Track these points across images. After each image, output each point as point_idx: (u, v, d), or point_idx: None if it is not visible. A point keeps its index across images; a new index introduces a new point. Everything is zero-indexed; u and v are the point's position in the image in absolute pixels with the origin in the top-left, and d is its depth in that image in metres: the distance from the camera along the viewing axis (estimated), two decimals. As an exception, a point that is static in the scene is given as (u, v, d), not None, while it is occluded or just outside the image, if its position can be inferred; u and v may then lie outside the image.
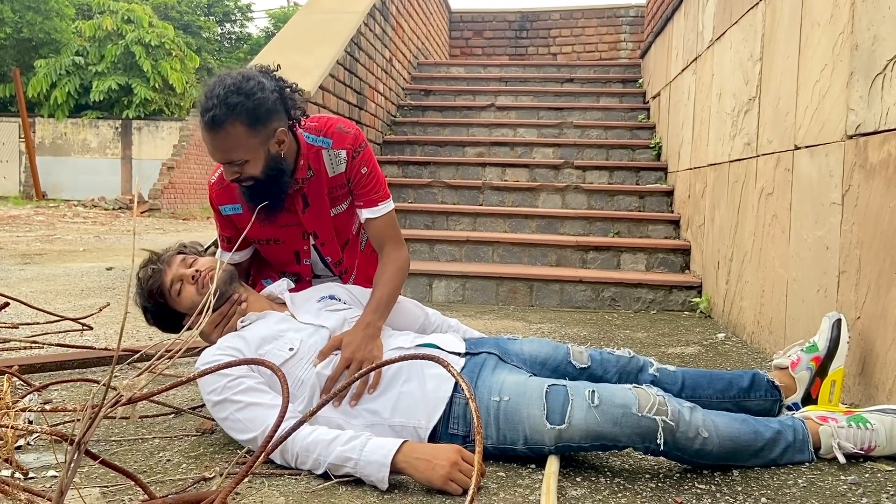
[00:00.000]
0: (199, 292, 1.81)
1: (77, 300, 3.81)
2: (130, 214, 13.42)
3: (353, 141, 1.93)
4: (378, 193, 1.97)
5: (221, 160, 1.76)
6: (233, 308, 1.83)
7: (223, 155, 1.74)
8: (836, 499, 1.45)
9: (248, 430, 1.56)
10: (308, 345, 1.69)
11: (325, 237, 2.01)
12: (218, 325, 1.82)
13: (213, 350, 1.68)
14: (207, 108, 1.69)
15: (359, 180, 1.95)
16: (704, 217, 3.95)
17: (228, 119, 1.68)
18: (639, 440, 1.49)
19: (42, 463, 1.58)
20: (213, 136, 1.71)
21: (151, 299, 1.85)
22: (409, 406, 1.61)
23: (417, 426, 1.59)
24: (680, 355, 2.83)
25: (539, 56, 9.71)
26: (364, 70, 5.62)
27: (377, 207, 1.96)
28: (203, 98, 1.71)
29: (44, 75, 17.49)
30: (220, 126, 1.69)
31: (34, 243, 7.47)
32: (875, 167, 1.95)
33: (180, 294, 1.82)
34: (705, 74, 3.99)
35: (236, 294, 1.85)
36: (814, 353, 1.87)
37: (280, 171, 1.81)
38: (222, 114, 1.68)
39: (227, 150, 1.73)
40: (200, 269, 1.83)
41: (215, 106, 1.68)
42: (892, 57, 1.87)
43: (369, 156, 1.96)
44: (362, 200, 1.97)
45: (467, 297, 4.11)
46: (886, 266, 1.87)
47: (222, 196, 1.97)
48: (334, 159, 1.93)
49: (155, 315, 1.88)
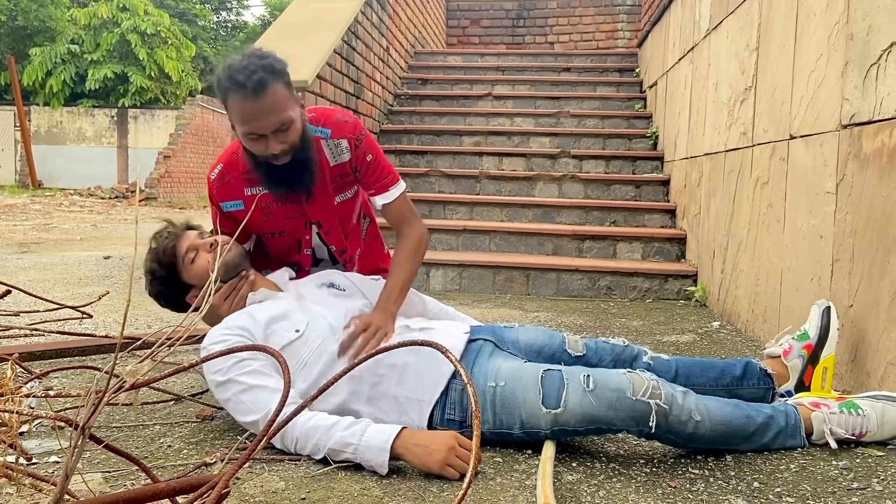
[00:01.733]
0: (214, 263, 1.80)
1: (75, 289, 3.82)
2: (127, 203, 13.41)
3: (353, 130, 1.94)
4: (388, 178, 2.00)
5: (275, 124, 1.73)
6: (241, 281, 1.85)
7: (275, 117, 1.72)
8: (827, 483, 1.48)
9: (251, 412, 1.57)
10: (314, 328, 1.70)
11: (329, 226, 2.03)
12: (227, 298, 1.83)
13: (221, 329, 1.69)
14: (249, 75, 1.68)
15: (366, 168, 1.97)
16: (700, 206, 3.97)
17: (271, 80, 1.70)
18: (633, 423, 1.52)
19: (44, 449, 1.60)
20: (262, 100, 1.70)
21: (163, 263, 1.83)
22: (414, 379, 1.63)
23: (421, 399, 1.62)
24: (675, 343, 2.85)
25: (536, 45, 9.69)
26: (361, 59, 5.61)
27: (389, 192, 2.00)
28: (236, 73, 1.69)
29: (39, 63, 17.40)
30: (266, 88, 1.69)
31: (31, 232, 7.46)
32: (869, 157, 1.96)
33: (194, 262, 1.82)
34: (702, 64, 4.00)
35: (245, 271, 1.87)
36: (805, 341, 1.89)
37: (309, 140, 1.84)
38: (266, 76, 1.69)
39: (278, 111, 1.72)
40: (218, 240, 1.85)
41: (255, 71, 1.68)
42: (886, 47, 1.88)
43: (371, 142, 1.98)
44: (374, 188, 2.00)
45: (464, 285, 4.13)
46: (879, 255, 1.89)
47: (223, 192, 1.97)
48: (335, 149, 1.94)
49: (162, 282, 1.85)
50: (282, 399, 1.10)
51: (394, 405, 1.62)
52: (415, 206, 2.11)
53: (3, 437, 1.18)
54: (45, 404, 1.86)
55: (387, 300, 1.85)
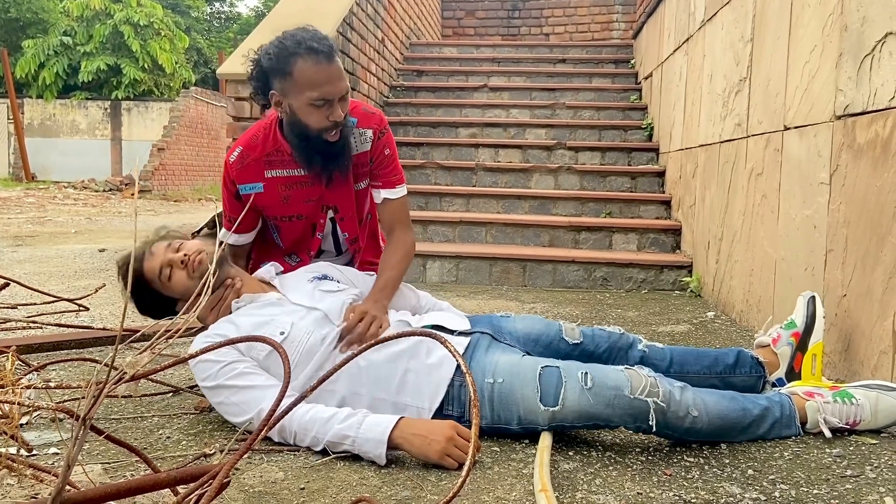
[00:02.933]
0: (191, 277, 1.77)
1: (71, 281, 3.82)
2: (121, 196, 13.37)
3: (379, 122, 2.00)
4: (397, 176, 2.05)
5: (343, 89, 1.81)
6: (227, 291, 1.83)
7: (344, 82, 1.82)
8: (821, 471, 1.49)
9: (244, 412, 1.58)
10: (300, 327, 1.69)
11: (346, 212, 2.05)
12: (213, 308, 1.82)
13: (202, 338, 1.69)
14: (320, 41, 1.77)
15: (381, 161, 2.01)
16: (695, 197, 3.98)
17: (335, 52, 1.79)
18: (631, 420, 1.53)
19: (44, 441, 1.61)
20: (333, 64, 1.79)
21: (142, 288, 1.80)
22: (415, 386, 1.63)
23: (420, 407, 1.62)
24: (670, 333, 2.87)
25: (531, 36, 9.68)
26: (356, 51, 5.60)
27: (395, 189, 2.04)
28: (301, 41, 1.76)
29: (32, 55, 17.28)
30: (335, 55, 1.79)
31: (25, 225, 7.44)
32: (863, 147, 1.97)
33: (171, 279, 1.78)
34: (697, 55, 4.01)
35: (229, 278, 1.84)
36: (792, 329, 1.93)
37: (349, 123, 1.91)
38: (333, 47, 1.79)
39: (344, 78, 1.82)
40: (188, 252, 1.79)
41: (323, 38, 1.78)
42: (880, 38, 1.89)
43: (392, 139, 2.04)
44: (381, 181, 2.04)
45: (461, 277, 4.14)
46: (872, 245, 1.90)
47: (243, 174, 1.97)
48: (359, 138, 1.98)
49: (147, 304, 1.83)
50: (282, 389, 1.11)
51: (392, 410, 1.62)
52: (411, 198, 2.14)
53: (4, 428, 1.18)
54: (44, 396, 1.87)
55: (379, 293, 1.87)
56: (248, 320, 1.72)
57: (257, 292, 1.85)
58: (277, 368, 1.63)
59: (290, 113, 1.84)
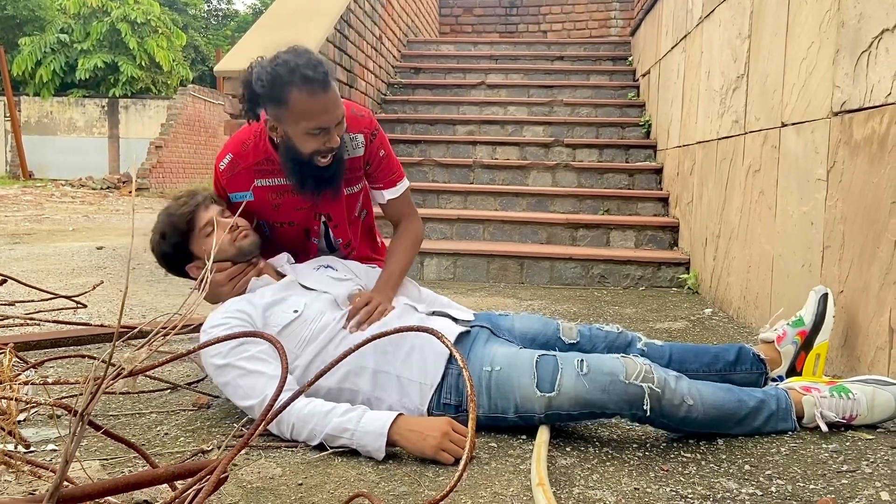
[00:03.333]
0: (230, 243, 1.83)
1: (68, 279, 3.82)
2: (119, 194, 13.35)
3: (369, 125, 1.98)
4: (395, 174, 2.05)
5: (339, 117, 1.78)
6: (250, 267, 1.87)
7: (340, 109, 1.78)
8: (817, 466, 1.50)
9: (249, 396, 1.59)
10: (312, 308, 1.73)
11: (339, 219, 2.04)
12: (233, 278, 1.84)
13: (221, 312, 1.71)
14: (314, 68, 1.71)
15: (378, 163, 2.01)
16: (693, 194, 3.99)
17: (330, 79, 1.75)
18: (626, 407, 1.54)
19: (42, 437, 1.61)
20: (329, 93, 1.74)
21: (176, 229, 1.83)
22: (419, 361, 1.65)
23: (423, 382, 1.64)
24: (668, 330, 2.87)
25: (529, 34, 9.67)
26: (354, 48, 5.59)
27: (396, 187, 2.05)
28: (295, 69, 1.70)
29: (28, 53, 17.24)
30: (330, 85, 1.74)
31: (23, 223, 7.43)
32: (859, 144, 1.98)
33: (209, 236, 1.82)
34: (694, 52, 4.01)
35: (256, 258, 1.89)
36: (800, 327, 1.91)
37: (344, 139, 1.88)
38: (326, 70, 1.74)
39: (340, 104, 1.78)
40: (240, 224, 1.86)
41: (318, 64, 1.72)
42: (877, 34, 1.89)
43: (384, 138, 2.02)
44: (382, 182, 2.04)
45: (458, 274, 4.14)
46: (869, 241, 1.91)
47: (233, 183, 1.97)
48: (350, 143, 1.96)
49: (171, 245, 1.85)
50: (279, 385, 1.11)
51: (396, 385, 1.64)
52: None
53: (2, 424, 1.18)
54: (42, 392, 1.87)
55: (386, 282, 1.91)
56: (264, 297, 1.76)
57: (274, 278, 1.89)
58: (289, 345, 1.67)
59: (286, 138, 1.81)
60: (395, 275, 1.94)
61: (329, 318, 1.72)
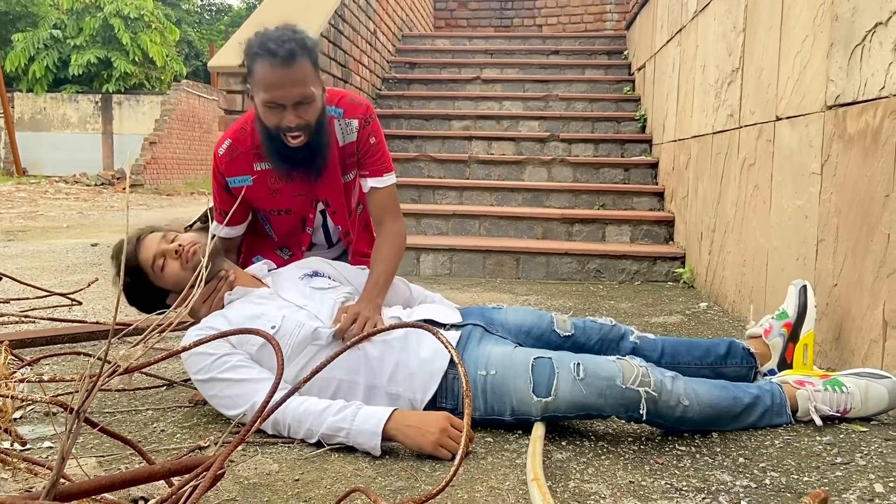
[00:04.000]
0: (184, 267, 1.77)
1: (63, 276, 3.81)
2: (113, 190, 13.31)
3: (365, 111, 1.98)
4: (384, 164, 2.03)
5: (296, 96, 1.76)
6: (220, 283, 1.83)
7: (299, 90, 1.76)
8: (811, 458, 1.51)
9: (237, 405, 1.58)
10: (291, 320, 1.69)
11: (337, 205, 2.04)
12: (206, 300, 1.82)
13: (195, 330, 1.69)
14: (282, 42, 1.73)
15: (367, 150, 2.00)
16: (688, 189, 4.00)
17: (301, 54, 1.74)
18: (623, 410, 1.54)
19: (37, 435, 1.61)
20: (290, 70, 1.73)
21: (130, 280, 1.79)
22: (406, 377, 1.63)
23: (413, 398, 1.62)
24: (663, 324, 2.88)
25: (524, 28, 9.66)
26: (348, 43, 5.58)
27: (383, 178, 2.02)
28: (264, 42, 1.74)
29: (21, 49, 17.16)
30: (295, 60, 1.73)
31: (17, 220, 7.41)
32: (853, 137, 1.98)
33: (164, 270, 1.77)
34: (690, 46, 4.01)
35: (222, 270, 1.85)
36: (784, 319, 1.93)
37: (324, 124, 1.86)
38: (297, 48, 1.73)
39: (302, 84, 1.76)
40: (183, 243, 1.79)
41: (288, 41, 1.73)
42: (870, 28, 1.90)
43: (378, 128, 2.02)
44: (369, 170, 2.02)
45: (454, 270, 4.14)
46: (863, 234, 1.91)
47: (232, 167, 1.96)
48: (346, 128, 1.97)
49: (137, 295, 1.83)
50: (275, 381, 1.11)
51: (387, 401, 1.63)
52: (404, 190, 2.13)
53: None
54: (37, 390, 1.87)
55: (371, 291, 1.84)
56: (239, 313, 1.72)
57: (249, 287, 1.85)
58: (270, 361, 1.64)
59: (256, 108, 1.85)
60: (380, 282, 1.88)
61: (308, 331, 1.67)
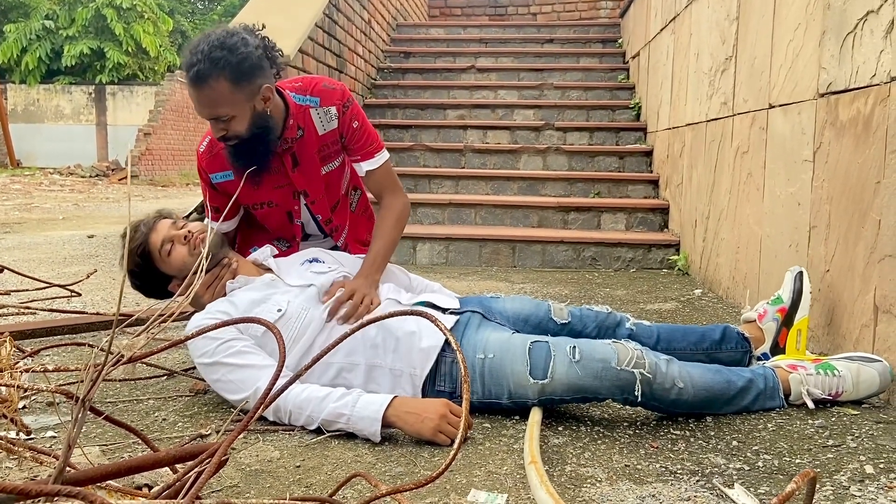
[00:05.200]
0: (191, 253, 1.81)
1: (60, 268, 3.82)
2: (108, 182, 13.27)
3: (341, 97, 1.96)
4: (373, 145, 2.02)
5: (207, 116, 1.78)
6: (223, 270, 1.86)
7: (209, 110, 1.76)
8: (803, 441, 1.53)
9: (240, 390, 1.61)
10: (296, 304, 1.72)
11: (316, 195, 2.04)
12: (209, 286, 1.85)
13: (202, 315, 1.72)
14: (192, 64, 1.71)
15: (352, 135, 1.99)
16: (682, 176, 4.02)
17: (213, 74, 1.71)
18: (618, 392, 1.57)
19: (41, 424, 1.62)
20: (199, 91, 1.73)
21: (140, 260, 1.83)
22: (406, 353, 1.66)
23: (413, 373, 1.65)
24: (658, 311, 2.91)
25: (519, 16, 9.63)
26: (343, 32, 5.57)
27: (374, 159, 2.01)
28: (188, 54, 1.73)
29: (14, 40, 17.04)
30: (205, 81, 1.71)
31: (12, 212, 7.40)
32: (845, 125, 2.00)
33: (171, 255, 1.81)
34: (683, 34, 4.02)
35: (226, 258, 1.88)
36: (779, 304, 1.96)
37: (266, 128, 1.84)
38: (206, 69, 1.70)
39: (212, 106, 1.75)
40: (192, 230, 1.84)
41: (199, 61, 1.70)
42: (862, 16, 1.91)
43: (358, 109, 2.00)
44: (359, 154, 2.01)
45: (451, 259, 4.16)
46: (854, 220, 1.94)
47: (212, 163, 1.98)
48: (324, 117, 1.95)
49: (141, 278, 1.87)
50: (277, 369, 1.13)
51: (388, 377, 1.66)
52: (401, 180, 2.13)
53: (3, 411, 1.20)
54: (41, 379, 1.88)
55: (370, 267, 1.87)
56: (245, 297, 1.75)
57: (252, 274, 1.87)
58: (274, 346, 1.66)
59: None
60: (379, 257, 1.90)
61: (314, 314, 1.71)
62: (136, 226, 1.87)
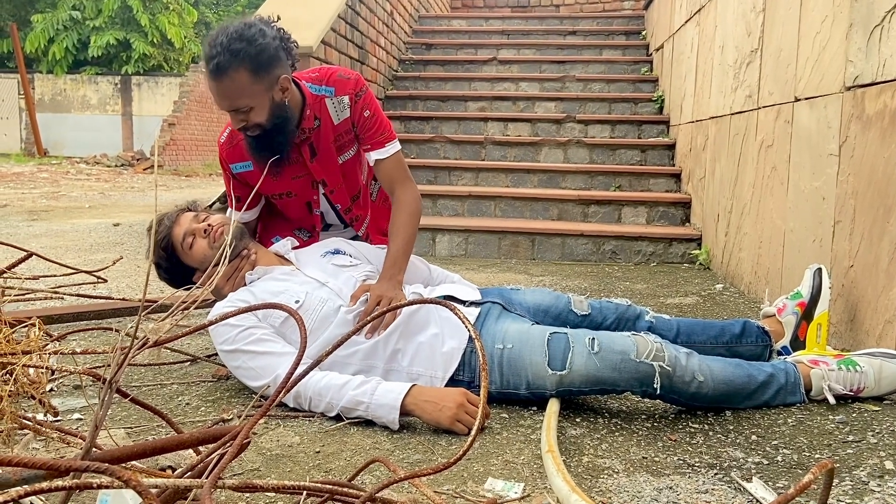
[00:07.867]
0: (212, 246, 1.86)
1: (87, 255, 3.88)
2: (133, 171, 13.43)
3: (354, 86, 1.97)
4: (384, 135, 2.01)
5: (227, 107, 1.80)
6: (242, 262, 1.89)
7: (228, 102, 1.78)
8: (823, 436, 1.53)
9: (260, 377, 1.63)
10: (314, 297, 1.74)
11: (334, 185, 2.06)
12: (230, 278, 1.88)
13: (224, 303, 1.75)
14: (211, 56, 1.73)
15: (363, 123, 1.99)
16: (705, 170, 3.98)
17: (232, 66, 1.73)
18: (637, 384, 1.57)
19: (67, 407, 1.66)
20: (218, 83, 1.75)
21: (164, 254, 1.89)
22: (428, 357, 1.68)
23: (433, 376, 1.66)
24: (678, 305, 2.90)
25: (542, 7, 9.57)
26: (365, 24, 5.58)
27: (385, 148, 2.01)
28: (207, 47, 1.75)
29: (41, 30, 17.27)
30: (225, 73, 1.73)
31: (40, 200, 7.52)
32: (871, 118, 1.98)
33: (192, 248, 1.86)
34: (708, 26, 3.98)
35: (246, 249, 1.91)
36: (798, 299, 1.96)
37: (285, 119, 1.86)
38: (226, 60, 1.72)
39: (231, 98, 1.77)
40: (213, 223, 1.89)
41: (219, 53, 1.72)
42: (890, 8, 1.89)
43: (371, 99, 2.00)
44: (369, 143, 2.01)
45: (470, 251, 4.17)
46: (880, 215, 1.92)
47: (233, 154, 2.01)
48: (338, 106, 1.97)
49: (167, 270, 1.92)
50: (298, 355, 1.15)
51: (406, 380, 1.67)
52: (420, 172, 2.13)
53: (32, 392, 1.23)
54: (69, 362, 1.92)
55: (391, 268, 1.87)
56: (264, 288, 1.78)
57: (272, 265, 1.90)
58: (293, 335, 1.69)
59: None
60: (399, 255, 1.89)
61: (331, 308, 1.72)
62: (160, 219, 1.91)
